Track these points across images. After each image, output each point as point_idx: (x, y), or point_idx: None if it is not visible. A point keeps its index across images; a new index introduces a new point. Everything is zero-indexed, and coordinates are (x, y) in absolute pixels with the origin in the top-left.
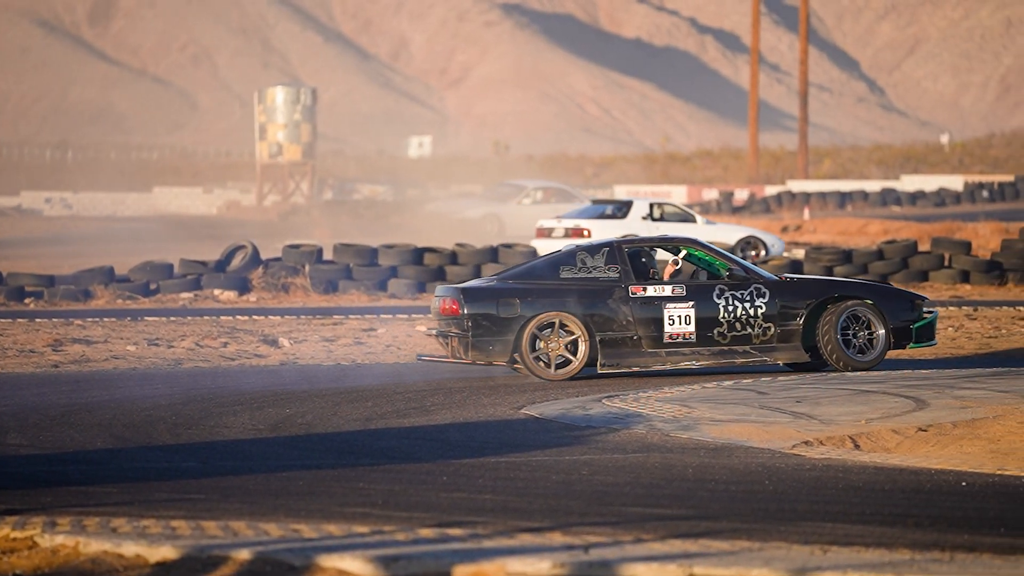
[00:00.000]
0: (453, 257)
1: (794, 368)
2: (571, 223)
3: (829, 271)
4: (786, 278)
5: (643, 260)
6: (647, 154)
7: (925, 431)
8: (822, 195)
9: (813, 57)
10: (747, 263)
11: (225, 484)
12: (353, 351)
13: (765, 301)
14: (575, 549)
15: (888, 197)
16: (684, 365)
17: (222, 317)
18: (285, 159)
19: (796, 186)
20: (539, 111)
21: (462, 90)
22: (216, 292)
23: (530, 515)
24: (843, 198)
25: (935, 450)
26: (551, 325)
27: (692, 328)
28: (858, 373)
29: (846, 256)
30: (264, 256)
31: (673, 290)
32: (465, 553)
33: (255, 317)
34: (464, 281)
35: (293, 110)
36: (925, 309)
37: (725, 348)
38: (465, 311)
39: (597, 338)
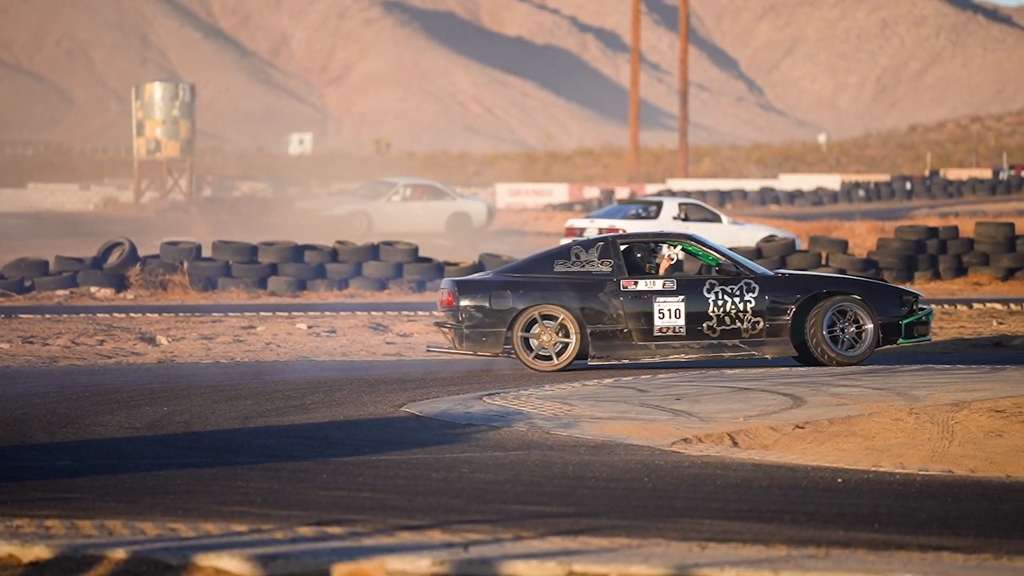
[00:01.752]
0: (334, 255)
1: (800, 363)
2: (605, 223)
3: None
4: (778, 273)
5: (639, 255)
6: (528, 152)
7: (802, 428)
8: (702, 194)
9: (693, 56)
10: (742, 258)
11: (101, 483)
12: (232, 349)
13: (755, 296)
14: (455, 547)
15: (767, 196)
16: (673, 358)
17: (99, 315)
18: (163, 156)
19: (676, 185)
20: (420, 109)
21: (343, 87)
22: (93, 289)
23: (410, 513)
24: (723, 197)
25: (811, 447)
26: (544, 317)
27: (682, 322)
28: (737, 371)
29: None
30: (142, 253)
31: (664, 284)
32: (344, 551)
33: (132, 315)
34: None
35: (171, 106)
36: (919, 306)
37: (714, 342)
38: (459, 303)
39: (588, 331)
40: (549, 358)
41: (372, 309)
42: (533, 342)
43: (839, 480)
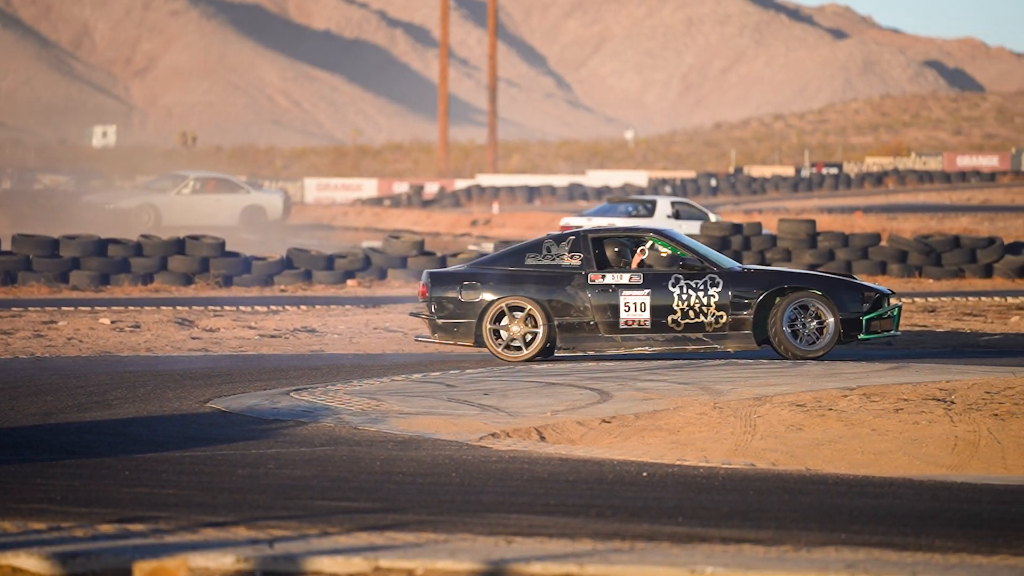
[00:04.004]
0: (138, 249)
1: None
2: (602, 221)
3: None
4: (744, 269)
5: (616, 250)
6: (337, 147)
7: (609, 423)
8: (511, 189)
9: (502, 52)
10: (711, 253)
11: None
12: (32, 344)
13: (718, 291)
14: (260, 543)
15: (575, 192)
16: (638, 350)
17: None
18: None
19: (486, 180)
20: (227, 102)
21: (148, 80)
22: None
23: (214, 510)
24: (531, 192)
25: (618, 441)
26: (512, 309)
27: (647, 315)
28: (545, 365)
29: None
30: None
31: (630, 278)
32: (147, 548)
33: None
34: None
35: None
36: (887, 302)
37: (679, 335)
38: (432, 294)
39: (555, 322)
40: (518, 349)
41: (178, 304)
42: (503, 333)
43: (644, 474)
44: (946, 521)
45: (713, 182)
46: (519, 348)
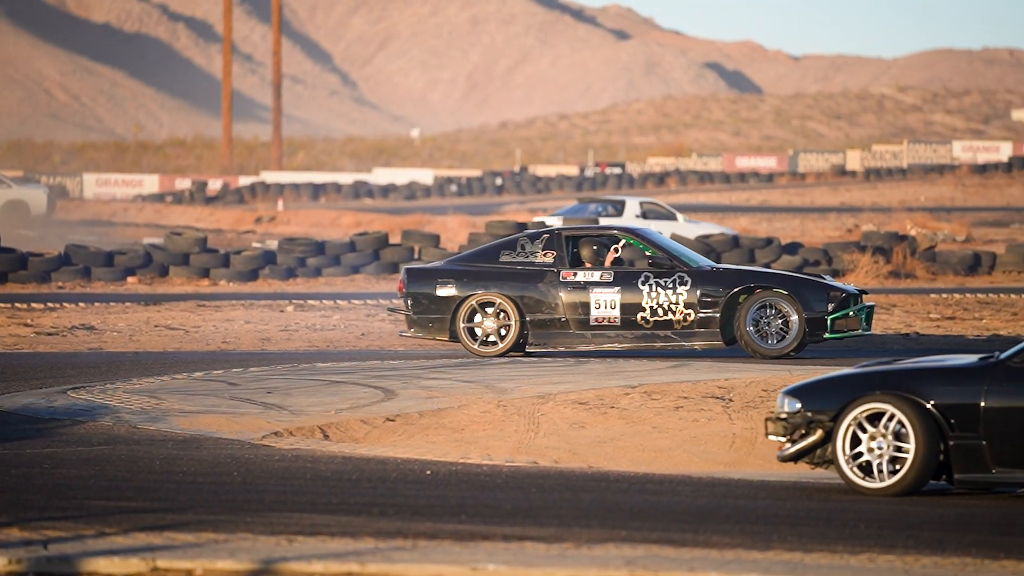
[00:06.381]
0: None
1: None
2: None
3: (302, 262)
4: (714, 268)
5: (593, 248)
6: (118, 142)
7: (393, 421)
8: (296, 186)
9: (286, 49)
10: (683, 251)
11: None
12: None
13: (687, 289)
14: (34, 544)
15: (360, 189)
16: (608, 347)
17: None
18: None
19: (270, 177)
20: (2, 96)
21: None
22: None
23: None
24: (317, 190)
25: (402, 439)
26: (484, 305)
27: (617, 313)
28: (329, 364)
29: (319, 248)
30: None
31: (601, 276)
32: None
33: None
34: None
35: None
36: (856, 301)
37: (648, 332)
38: (407, 290)
39: (527, 319)
40: (494, 344)
41: None
42: (477, 329)
43: (428, 472)
44: (724, 517)
45: (499, 181)
46: (495, 343)
